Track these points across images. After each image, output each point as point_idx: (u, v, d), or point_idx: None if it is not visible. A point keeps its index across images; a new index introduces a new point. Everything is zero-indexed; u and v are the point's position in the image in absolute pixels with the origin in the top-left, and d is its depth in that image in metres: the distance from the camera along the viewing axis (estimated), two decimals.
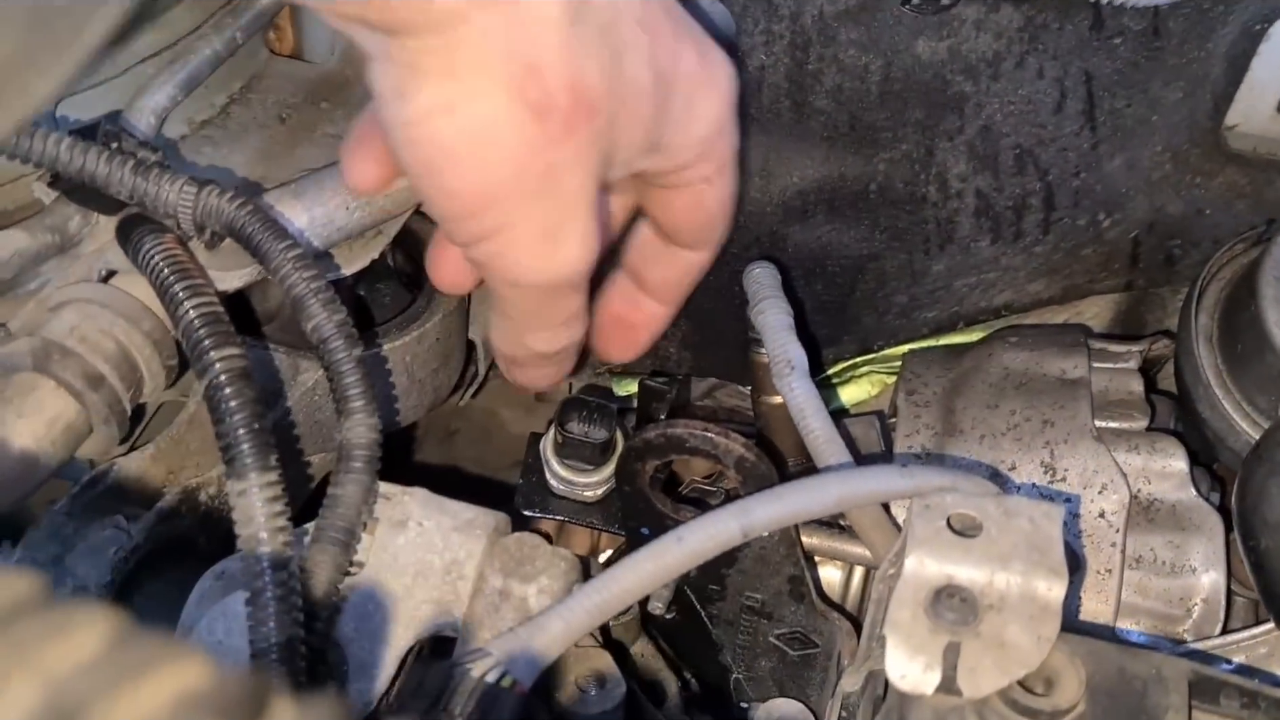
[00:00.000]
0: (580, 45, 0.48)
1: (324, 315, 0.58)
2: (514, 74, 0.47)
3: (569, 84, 0.48)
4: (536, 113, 0.48)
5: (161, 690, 0.26)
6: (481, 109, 0.48)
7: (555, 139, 0.49)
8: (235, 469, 0.54)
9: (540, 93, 0.48)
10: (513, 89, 0.47)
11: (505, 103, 0.47)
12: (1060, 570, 0.51)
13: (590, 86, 0.48)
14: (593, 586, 0.54)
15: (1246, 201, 0.77)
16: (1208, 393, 0.67)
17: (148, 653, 0.26)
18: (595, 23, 0.48)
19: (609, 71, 0.49)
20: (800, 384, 0.67)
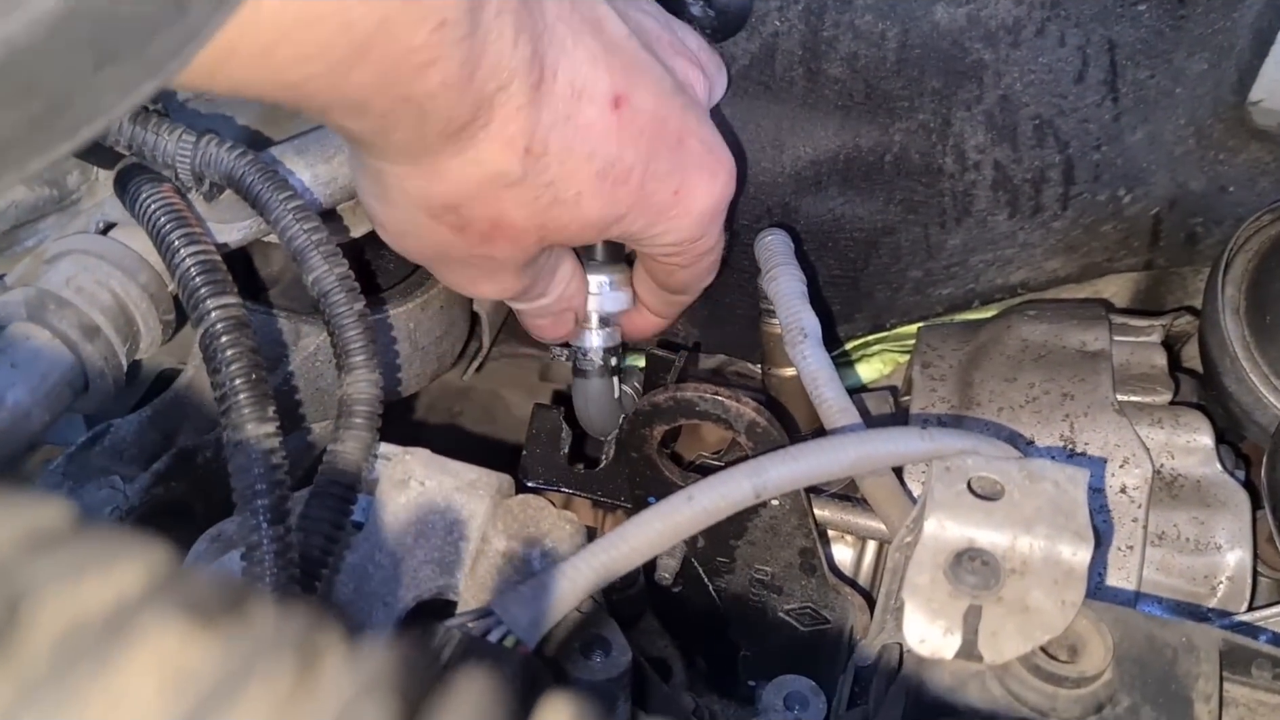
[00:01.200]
0: (507, 197, 0.54)
1: (325, 268, 0.57)
2: (430, 207, 0.55)
3: (489, 219, 0.55)
4: (455, 230, 0.56)
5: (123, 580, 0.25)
6: (404, 215, 0.57)
7: (474, 245, 0.57)
8: (231, 420, 0.52)
9: (457, 220, 0.55)
10: (432, 214, 0.55)
11: (425, 219, 0.56)
12: (1086, 534, 0.50)
13: (511, 222, 0.56)
14: (600, 545, 0.52)
15: (1270, 179, 0.76)
16: (1234, 365, 0.65)
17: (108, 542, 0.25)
18: (539, 180, 0.54)
19: (542, 211, 0.55)
20: (814, 352, 0.65)
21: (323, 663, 0.26)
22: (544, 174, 0.53)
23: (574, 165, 0.54)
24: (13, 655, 0.23)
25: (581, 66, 0.52)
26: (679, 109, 0.59)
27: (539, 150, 0.52)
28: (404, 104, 0.47)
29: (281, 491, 0.52)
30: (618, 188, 0.56)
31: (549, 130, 0.52)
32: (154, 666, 0.24)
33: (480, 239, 0.56)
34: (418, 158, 0.51)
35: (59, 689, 0.23)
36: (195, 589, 0.25)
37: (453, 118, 0.49)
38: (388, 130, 0.49)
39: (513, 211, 0.55)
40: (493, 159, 0.51)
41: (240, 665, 0.25)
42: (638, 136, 0.56)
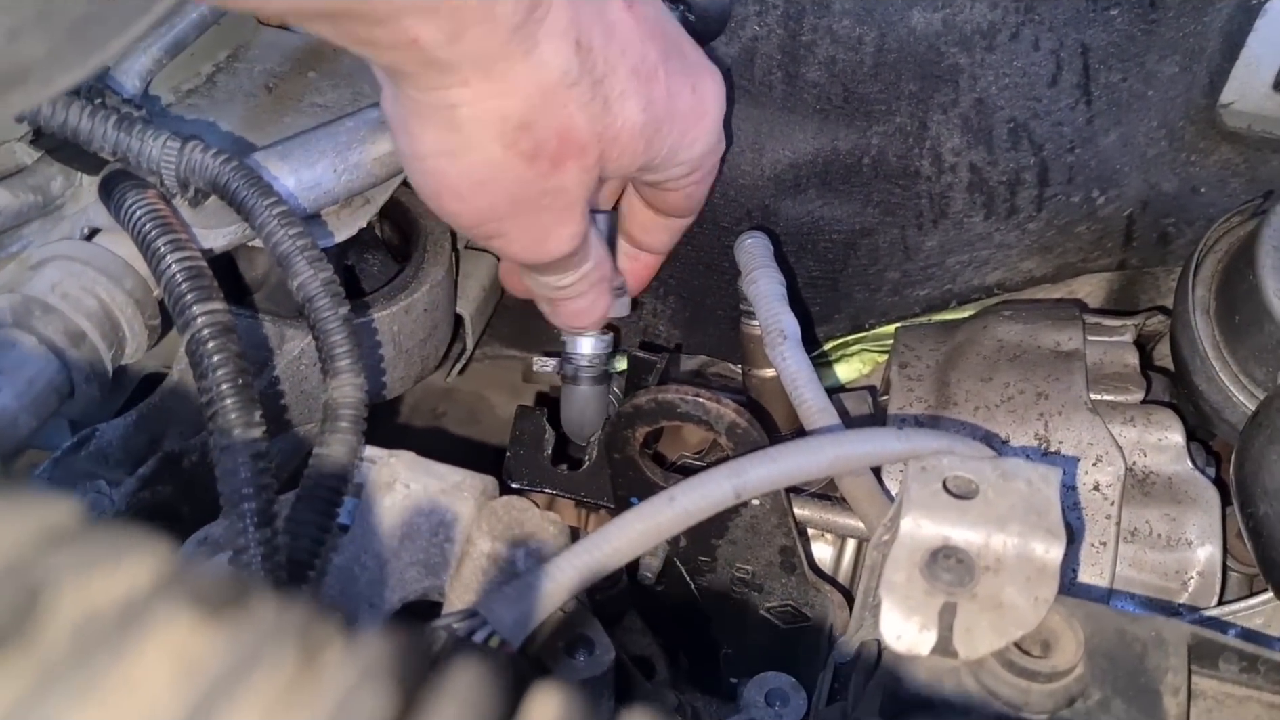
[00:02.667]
0: (571, 99, 0.54)
1: (310, 273, 0.57)
2: (506, 131, 0.54)
3: (557, 133, 0.55)
4: (528, 159, 0.55)
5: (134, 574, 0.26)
6: (479, 157, 0.55)
7: (545, 174, 0.56)
8: (218, 424, 0.52)
9: (531, 144, 0.55)
10: (506, 142, 0.54)
11: (500, 152, 0.55)
12: (1058, 532, 0.51)
13: (578, 132, 0.56)
14: (582, 546, 0.53)
15: (1241, 180, 0.77)
16: (1205, 364, 0.66)
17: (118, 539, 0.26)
18: (590, 79, 0.55)
19: (599, 117, 0.56)
20: (793, 353, 0.66)
21: (323, 652, 0.27)
22: (594, 70, 0.55)
23: (613, 60, 0.56)
24: (35, 643, 0.25)
25: None
26: (672, 20, 0.63)
27: (586, 44, 0.54)
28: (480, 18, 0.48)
29: (268, 495, 0.52)
30: (650, 85, 0.58)
31: (590, 24, 0.54)
32: (166, 655, 0.25)
33: (550, 164, 0.56)
34: (491, 64, 0.52)
35: (78, 676, 0.24)
36: (201, 582, 0.26)
37: (513, 20, 0.50)
38: (460, 30, 0.49)
39: (576, 117, 0.55)
40: (554, 56, 0.53)
41: (246, 654, 0.26)
42: (651, 35, 0.58)
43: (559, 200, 0.58)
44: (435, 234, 0.80)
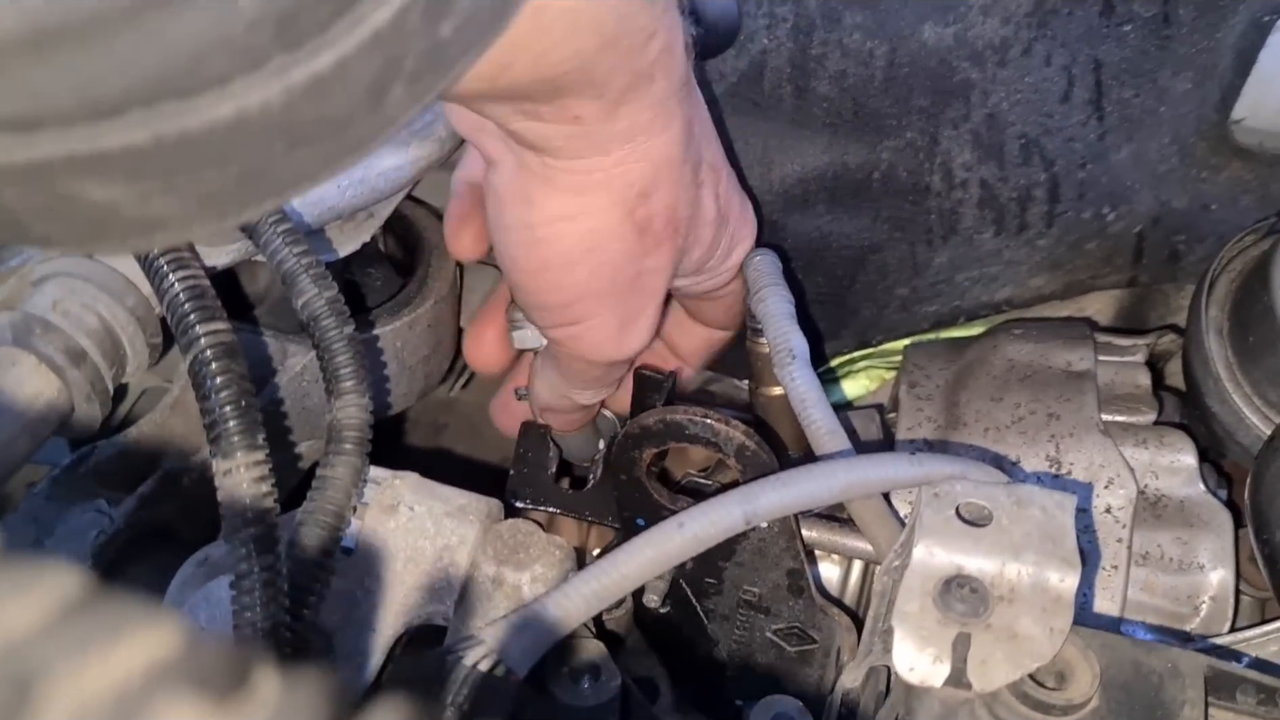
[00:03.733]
0: (680, 178, 0.57)
1: (314, 291, 0.56)
2: (628, 198, 0.56)
3: (667, 208, 0.57)
4: (639, 229, 0.57)
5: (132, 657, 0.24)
6: (598, 222, 0.56)
7: (649, 250, 0.58)
8: (221, 447, 0.52)
9: (645, 214, 0.57)
10: (625, 209, 0.56)
11: (618, 219, 0.56)
12: (1074, 560, 0.50)
13: (680, 210, 0.58)
14: (590, 573, 0.52)
15: (1252, 197, 0.76)
16: (1218, 386, 0.65)
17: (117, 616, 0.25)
18: (691, 161, 0.58)
19: (691, 202, 0.59)
20: (802, 373, 0.65)
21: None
22: (696, 154, 0.59)
23: (703, 148, 0.59)
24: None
25: None
26: None
27: (690, 128, 0.57)
28: (636, 76, 0.51)
29: (270, 521, 0.51)
30: (718, 181, 0.62)
31: (692, 110, 0.58)
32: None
33: (655, 240, 0.58)
34: (637, 138, 0.54)
35: None
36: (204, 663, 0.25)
37: (672, 79, 0.53)
38: (618, 106, 0.52)
39: (680, 196, 0.58)
40: (680, 130, 0.56)
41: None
42: (716, 136, 0.63)
43: (650, 283, 0.60)
44: (439, 248, 0.79)
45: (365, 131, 0.33)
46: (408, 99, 0.33)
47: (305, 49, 0.29)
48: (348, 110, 0.32)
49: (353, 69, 0.30)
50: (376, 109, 0.32)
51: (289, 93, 0.29)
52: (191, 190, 0.31)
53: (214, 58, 0.28)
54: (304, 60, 0.29)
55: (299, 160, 0.32)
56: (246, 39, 0.28)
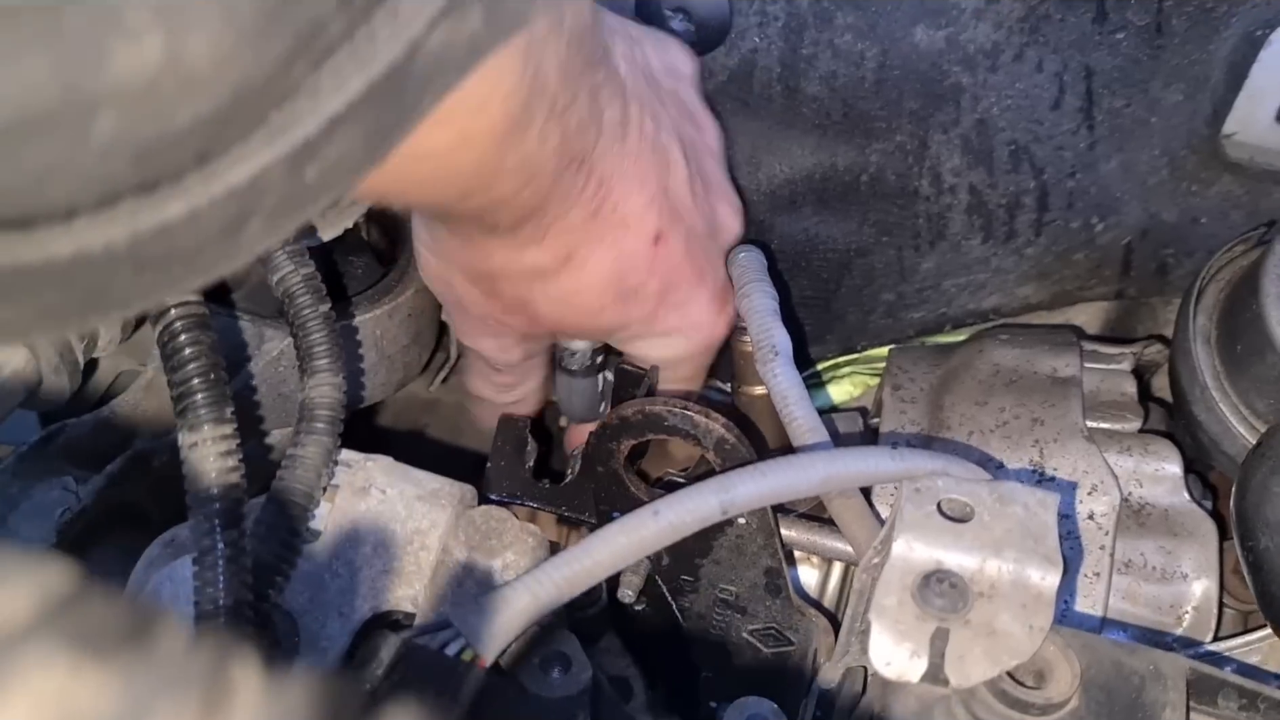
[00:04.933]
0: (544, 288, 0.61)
1: (291, 268, 0.55)
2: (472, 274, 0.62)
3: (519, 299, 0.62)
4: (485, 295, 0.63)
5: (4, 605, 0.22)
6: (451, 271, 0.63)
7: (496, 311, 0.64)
8: (188, 420, 0.50)
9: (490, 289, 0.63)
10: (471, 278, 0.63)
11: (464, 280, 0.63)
12: (1055, 559, 0.49)
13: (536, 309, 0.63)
14: (562, 559, 0.51)
15: (1242, 212, 0.76)
16: (1205, 394, 0.65)
17: None
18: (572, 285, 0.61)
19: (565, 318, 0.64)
20: (784, 370, 0.64)
21: (234, 701, 0.24)
22: (575, 280, 0.60)
23: (604, 280, 0.61)
24: None
25: (637, 207, 0.60)
26: (703, 251, 0.67)
27: (579, 261, 0.59)
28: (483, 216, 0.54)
29: (236, 496, 0.50)
30: (633, 306, 0.64)
31: (592, 248, 0.59)
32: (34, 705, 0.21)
33: (504, 309, 0.63)
34: (475, 242, 0.59)
35: None
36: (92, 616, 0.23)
37: (515, 232, 0.56)
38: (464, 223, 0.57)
39: (540, 300, 0.61)
40: (535, 259, 0.58)
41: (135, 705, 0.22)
42: (665, 268, 0.63)
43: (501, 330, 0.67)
44: None
45: (217, 259, 0.33)
46: (264, 233, 0.32)
47: (157, 195, 0.28)
48: (199, 245, 0.31)
49: (205, 217, 0.29)
50: (230, 243, 0.32)
51: (136, 235, 0.29)
52: (31, 304, 0.30)
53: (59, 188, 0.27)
54: (155, 205, 0.28)
55: (144, 283, 0.31)
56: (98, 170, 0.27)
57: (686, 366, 0.70)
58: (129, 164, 0.27)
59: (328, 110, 0.30)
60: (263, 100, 0.29)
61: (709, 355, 0.71)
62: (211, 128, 0.28)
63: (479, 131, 0.45)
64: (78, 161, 0.27)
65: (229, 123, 0.29)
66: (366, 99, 0.31)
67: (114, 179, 0.28)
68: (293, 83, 0.29)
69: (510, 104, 0.45)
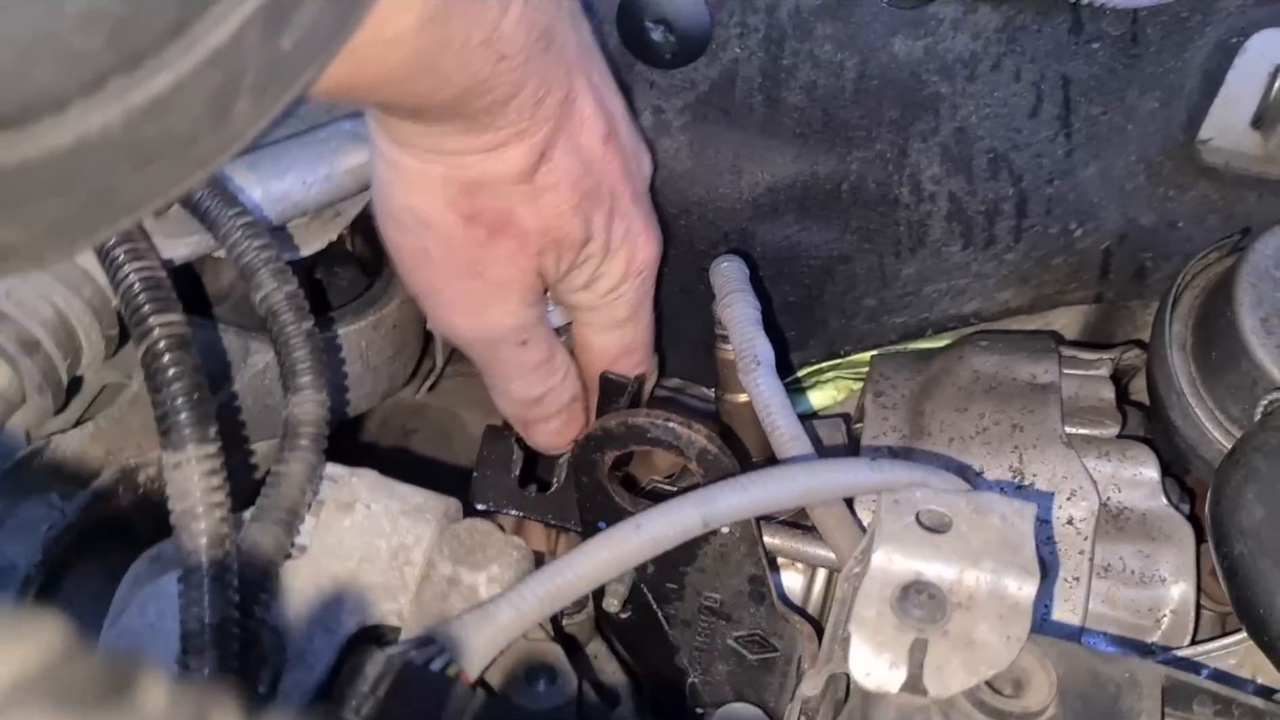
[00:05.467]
0: (514, 193, 0.59)
1: (274, 285, 0.56)
2: (450, 192, 0.59)
3: (501, 211, 0.60)
4: (466, 219, 0.60)
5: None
6: (424, 201, 0.60)
7: (482, 240, 0.60)
8: (171, 440, 0.51)
9: (470, 208, 0.59)
10: (448, 200, 0.59)
11: (440, 204, 0.59)
12: (1032, 569, 0.50)
13: (519, 220, 0.60)
14: (545, 574, 0.52)
15: (1218, 216, 0.77)
16: (1181, 400, 0.66)
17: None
18: (540, 185, 0.60)
19: (544, 215, 0.61)
20: (766, 379, 0.65)
21: None
22: (548, 176, 0.60)
23: (572, 177, 0.61)
24: None
25: (590, 102, 0.61)
26: (635, 163, 0.68)
27: (550, 155, 0.59)
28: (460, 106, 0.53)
29: (221, 514, 0.50)
30: (596, 206, 0.63)
31: (561, 141, 0.59)
32: None
33: (488, 232, 0.60)
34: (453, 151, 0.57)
35: None
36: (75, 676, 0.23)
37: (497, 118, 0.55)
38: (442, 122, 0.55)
39: (520, 208, 0.60)
40: (514, 159, 0.58)
41: None
42: (613, 171, 0.64)
43: (496, 271, 0.62)
44: None
45: (212, 146, 0.33)
46: (253, 112, 0.33)
47: (143, 70, 0.29)
48: (191, 127, 0.31)
49: (192, 88, 0.30)
50: (222, 124, 0.32)
51: (129, 114, 0.29)
52: (39, 218, 0.30)
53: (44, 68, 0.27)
54: (142, 81, 0.29)
55: (146, 179, 0.32)
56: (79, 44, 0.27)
57: (630, 288, 0.69)
58: (108, 37, 0.28)
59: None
60: None
61: (649, 279, 0.70)
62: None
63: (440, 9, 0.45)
64: (58, 35, 0.27)
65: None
66: None
67: (97, 57, 0.28)
68: None
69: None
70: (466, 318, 0.64)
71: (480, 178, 0.58)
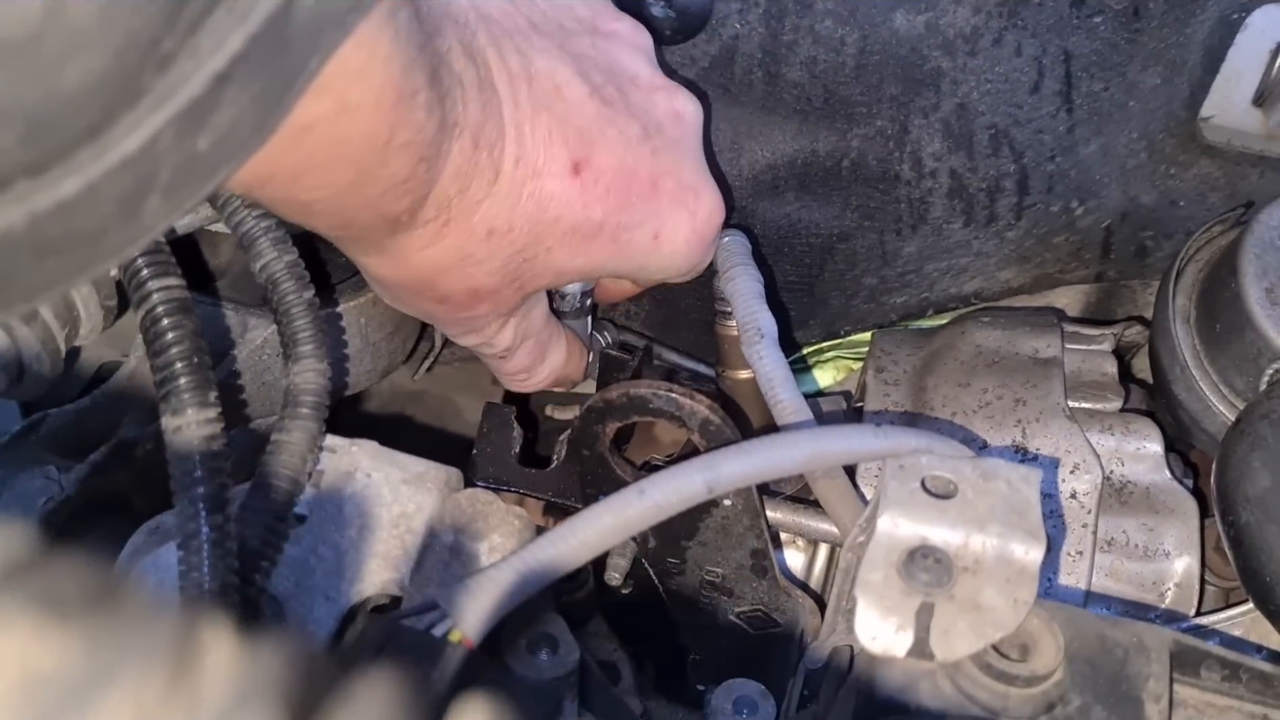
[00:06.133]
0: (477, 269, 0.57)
1: (274, 255, 0.55)
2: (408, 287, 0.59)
3: (466, 290, 0.58)
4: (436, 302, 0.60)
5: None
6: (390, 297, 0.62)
7: (457, 311, 0.60)
8: (171, 404, 0.50)
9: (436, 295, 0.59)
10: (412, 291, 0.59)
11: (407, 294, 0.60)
12: (1038, 533, 0.49)
13: (486, 288, 0.58)
14: (548, 539, 0.51)
15: (1220, 195, 0.77)
16: (1185, 373, 0.65)
17: None
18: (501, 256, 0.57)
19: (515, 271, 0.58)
20: (769, 352, 0.65)
21: (202, 665, 0.23)
22: (510, 247, 0.57)
23: (541, 230, 0.57)
24: None
25: (538, 147, 0.55)
26: (648, 155, 0.61)
27: (503, 229, 0.56)
28: (382, 207, 0.51)
29: (221, 480, 0.50)
30: (589, 243, 0.59)
31: (511, 210, 0.55)
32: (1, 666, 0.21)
33: (460, 307, 0.60)
34: (388, 252, 0.55)
35: None
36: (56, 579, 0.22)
37: (419, 219, 0.53)
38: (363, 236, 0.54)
39: (485, 280, 0.58)
40: (458, 245, 0.55)
41: (101, 667, 0.22)
42: (604, 195, 0.58)
43: (477, 322, 0.62)
44: None
45: (120, 240, 0.32)
46: (165, 210, 0.32)
47: (50, 175, 0.28)
48: (100, 224, 0.31)
49: (102, 190, 0.29)
50: (131, 220, 0.32)
51: (33, 217, 0.28)
52: None
53: None
54: (49, 185, 0.28)
55: (49, 269, 0.31)
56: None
57: (698, 267, 0.67)
58: (20, 137, 0.27)
59: (211, 68, 0.30)
60: (147, 61, 0.29)
61: (708, 244, 0.66)
62: (99, 95, 0.28)
63: (362, 101, 0.43)
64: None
65: (116, 87, 0.28)
66: (248, 56, 0.31)
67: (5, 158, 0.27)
68: (174, 44, 0.29)
69: (391, 69, 0.43)
70: (467, 340, 0.66)
71: (427, 271, 0.56)
